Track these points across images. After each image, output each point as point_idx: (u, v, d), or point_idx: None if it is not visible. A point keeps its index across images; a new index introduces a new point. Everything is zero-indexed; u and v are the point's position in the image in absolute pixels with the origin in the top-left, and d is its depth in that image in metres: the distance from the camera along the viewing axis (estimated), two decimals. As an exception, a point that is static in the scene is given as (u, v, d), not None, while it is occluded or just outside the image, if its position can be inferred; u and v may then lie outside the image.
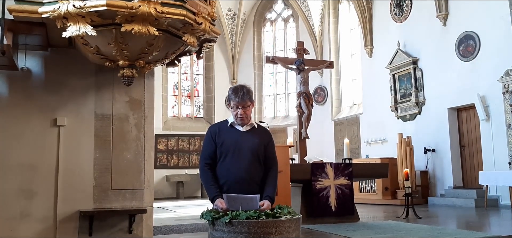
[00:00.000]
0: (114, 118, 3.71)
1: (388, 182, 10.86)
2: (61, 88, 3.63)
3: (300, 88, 8.76)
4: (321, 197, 6.75)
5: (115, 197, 3.62)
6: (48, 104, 3.58)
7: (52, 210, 3.48)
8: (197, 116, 17.20)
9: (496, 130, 9.54)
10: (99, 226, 3.53)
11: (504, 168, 9.10)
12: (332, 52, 15.49)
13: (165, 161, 15.92)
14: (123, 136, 3.71)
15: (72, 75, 3.66)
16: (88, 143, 3.62)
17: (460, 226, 6.52)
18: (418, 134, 11.45)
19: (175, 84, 17.04)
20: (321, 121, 14.66)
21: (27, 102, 3.55)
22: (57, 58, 3.64)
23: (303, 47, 8.99)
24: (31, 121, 3.54)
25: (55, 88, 3.62)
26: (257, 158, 3.17)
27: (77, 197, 3.54)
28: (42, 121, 3.56)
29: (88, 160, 3.60)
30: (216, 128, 3.27)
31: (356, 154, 13.60)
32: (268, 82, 17.72)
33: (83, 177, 3.57)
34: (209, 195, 3.14)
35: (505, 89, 9.29)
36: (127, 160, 3.68)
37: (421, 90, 11.70)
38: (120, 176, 3.65)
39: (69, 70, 3.66)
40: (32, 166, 3.49)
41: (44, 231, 3.44)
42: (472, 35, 10.21)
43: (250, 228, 2.71)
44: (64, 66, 3.65)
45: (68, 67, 3.65)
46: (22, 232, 3.40)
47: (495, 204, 9.28)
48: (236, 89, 3.15)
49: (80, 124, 3.63)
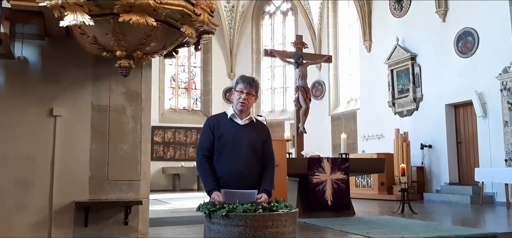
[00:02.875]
0: (111, 110, 3.69)
1: (384, 178, 10.89)
2: (58, 78, 3.60)
3: (298, 82, 8.74)
4: (317, 192, 6.75)
5: (111, 188, 3.60)
6: (45, 94, 3.56)
7: (47, 201, 3.46)
8: (194, 108, 17.17)
9: (493, 127, 9.56)
10: (94, 218, 3.52)
11: (500, 165, 9.13)
12: (330, 46, 15.46)
13: (161, 153, 15.90)
14: (120, 127, 3.69)
15: (69, 65, 3.63)
16: (85, 134, 3.60)
17: (455, 222, 6.54)
18: (415, 130, 11.47)
19: (172, 76, 16.99)
20: (319, 116, 14.65)
21: (24, 92, 3.53)
22: (54, 48, 3.61)
23: (302, 41, 8.96)
24: (27, 111, 3.52)
25: (52, 78, 3.59)
26: (255, 152, 3.16)
27: (73, 188, 3.52)
28: (38, 111, 3.54)
29: (84, 151, 3.58)
30: (214, 120, 3.25)
31: (353, 149, 13.62)
32: (266, 76, 17.70)
33: (79, 168, 3.56)
34: (206, 188, 3.13)
35: (503, 86, 9.30)
36: (123, 151, 3.67)
37: (419, 86, 11.70)
38: (117, 167, 3.63)
39: (66, 60, 3.63)
40: (28, 156, 3.47)
41: (39, 221, 3.43)
42: (471, 32, 10.21)
43: (247, 221, 2.71)
44: (61, 56, 3.62)
45: (65, 57, 3.62)
46: (17, 223, 3.38)
47: (491, 201, 9.32)
48: (245, 76, 3.22)
49: (76, 115, 3.61)
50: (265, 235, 2.72)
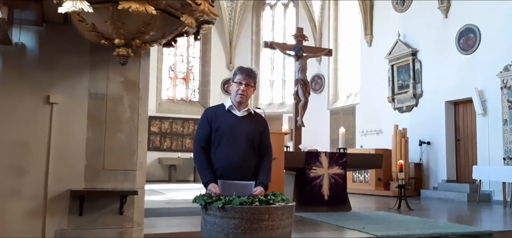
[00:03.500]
0: (108, 98, 3.65)
1: (381, 173, 10.89)
2: (55, 65, 3.56)
3: (297, 75, 8.70)
4: (314, 186, 6.74)
5: (107, 178, 3.57)
6: (41, 81, 3.52)
7: (42, 188, 3.43)
8: (192, 99, 17.13)
9: (492, 125, 9.56)
10: (89, 206, 3.49)
11: (499, 164, 9.14)
12: (331, 40, 15.41)
13: (158, 143, 15.88)
14: (116, 116, 3.65)
15: (67, 52, 3.59)
16: (81, 122, 3.57)
17: (452, 220, 6.55)
18: (414, 126, 11.46)
19: (170, 66, 16.92)
20: (317, 110, 14.62)
21: (20, 78, 3.48)
22: (52, 35, 3.57)
23: (303, 33, 8.91)
24: (23, 98, 3.48)
25: (49, 65, 3.55)
26: (252, 144, 3.15)
27: (68, 176, 3.49)
28: (35, 98, 3.50)
29: (80, 139, 3.55)
30: (212, 111, 3.23)
31: (351, 144, 13.62)
32: (265, 68, 17.64)
33: (75, 156, 3.52)
34: (203, 179, 3.11)
35: (504, 84, 9.28)
36: (120, 141, 3.63)
37: (419, 82, 11.68)
38: (113, 157, 3.60)
39: (64, 47, 3.58)
40: (24, 143, 3.43)
41: (34, 208, 3.40)
42: (473, 29, 10.17)
43: (243, 214, 2.69)
44: (58, 43, 3.57)
45: (63, 44, 3.58)
46: (12, 209, 3.36)
47: (488, 199, 9.34)
48: (243, 67, 3.23)
49: (73, 103, 3.57)
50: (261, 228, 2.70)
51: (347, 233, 4.69)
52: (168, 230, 4.50)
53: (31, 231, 3.38)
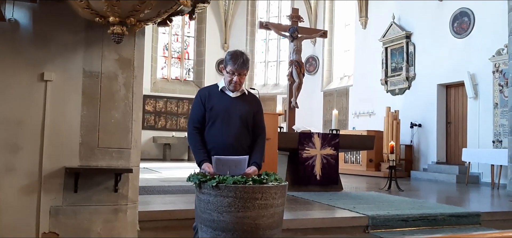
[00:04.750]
0: (103, 76, 3.65)
1: (373, 155, 11.01)
2: (49, 42, 3.54)
3: (292, 56, 8.71)
4: (307, 166, 6.82)
5: (102, 155, 3.60)
6: (36, 58, 3.50)
7: (37, 166, 3.46)
8: (186, 79, 17.08)
9: (483, 109, 9.66)
10: (84, 184, 3.53)
11: (488, 146, 9.27)
12: (326, 21, 15.37)
13: (152, 122, 15.88)
14: (111, 94, 3.66)
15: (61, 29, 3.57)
16: (76, 100, 3.57)
17: (441, 201, 6.68)
18: (406, 109, 11.55)
19: (165, 45, 16.82)
20: (311, 91, 14.67)
21: (14, 55, 3.47)
22: (46, 11, 3.54)
23: (298, 14, 8.90)
24: (17, 75, 3.47)
25: (43, 42, 3.53)
26: (245, 125, 3.18)
27: (63, 154, 3.51)
28: (29, 75, 3.49)
29: (75, 117, 3.56)
30: (206, 91, 3.25)
31: (344, 126, 13.71)
32: (260, 49, 17.59)
33: (70, 134, 3.54)
34: (197, 159, 3.15)
35: (495, 68, 9.36)
36: (114, 119, 3.65)
37: (412, 65, 11.73)
38: (107, 135, 3.62)
39: (58, 24, 3.56)
40: (18, 120, 3.44)
41: (28, 185, 3.43)
42: (468, 12, 10.20)
43: (237, 193, 2.75)
44: (53, 20, 3.55)
45: (57, 21, 3.56)
46: (7, 186, 3.38)
47: (476, 181, 9.50)
48: (235, 55, 3.13)
49: (67, 80, 3.57)
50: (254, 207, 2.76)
51: (338, 212, 4.78)
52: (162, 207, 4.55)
53: (26, 208, 3.42)
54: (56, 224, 3.46)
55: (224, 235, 2.78)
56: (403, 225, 4.55)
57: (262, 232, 2.80)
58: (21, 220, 3.40)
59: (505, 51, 8.91)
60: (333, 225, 4.40)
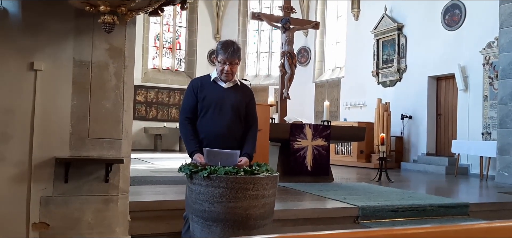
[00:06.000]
0: (93, 66, 3.62)
1: (363, 146, 11.08)
2: (39, 31, 3.50)
3: (284, 47, 8.70)
4: (298, 157, 6.85)
5: (92, 145, 3.58)
6: (25, 47, 3.46)
7: (27, 155, 3.43)
8: (178, 69, 16.99)
9: (473, 101, 9.75)
10: (75, 174, 3.51)
11: (477, 138, 9.38)
12: (318, 12, 15.35)
13: (143, 113, 15.80)
14: (102, 84, 3.63)
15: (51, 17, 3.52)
16: (66, 90, 3.54)
17: (430, 192, 6.75)
18: (397, 101, 11.62)
19: (156, 35, 16.70)
20: (303, 82, 14.68)
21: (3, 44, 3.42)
22: None
23: (290, 5, 8.87)
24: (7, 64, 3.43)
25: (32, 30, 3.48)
26: (238, 115, 3.18)
27: (53, 143, 3.48)
28: (18, 64, 3.45)
29: (65, 106, 3.53)
30: (198, 82, 3.24)
31: (335, 117, 13.77)
32: (252, 40, 17.53)
33: (60, 123, 3.51)
34: (188, 149, 3.15)
35: (486, 61, 9.43)
36: (105, 109, 3.62)
37: (403, 57, 11.78)
38: (98, 124, 3.60)
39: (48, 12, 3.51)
40: (8, 109, 3.40)
41: (18, 175, 3.40)
42: (459, 4, 10.25)
43: (228, 183, 2.75)
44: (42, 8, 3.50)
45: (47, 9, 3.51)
46: (-4, 176, 3.36)
47: (465, 172, 9.61)
48: (227, 44, 3.12)
49: (57, 70, 3.53)
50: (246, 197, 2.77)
51: (329, 203, 4.81)
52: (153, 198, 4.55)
53: (16, 197, 3.39)
54: (46, 214, 3.45)
55: (215, 225, 2.79)
56: (393, 215, 4.60)
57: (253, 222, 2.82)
58: (11, 210, 3.38)
59: (496, 44, 8.99)
60: (324, 216, 4.43)
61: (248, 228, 2.79)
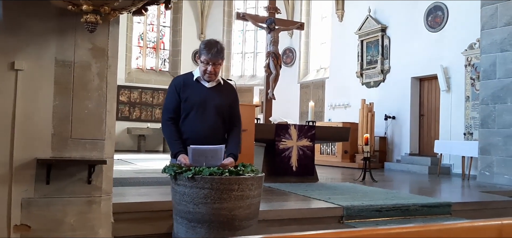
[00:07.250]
0: (76, 66, 3.56)
1: (348, 146, 11.16)
2: (19, 30, 3.43)
3: (269, 48, 8.70)
4: (283, 157, 6.86)
5: (75, 146, 3.52)
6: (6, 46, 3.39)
7: (8, 156, 3.35)
8: (162, 69, 16.87)
9: (455, 102, 9.91)
10: (57, 175, 3.45)
11: (459, 138, 9.53)
12: (303, 13, 15.41)
13: (127, 113, 15.65)
14: (84, 84, 3.58)
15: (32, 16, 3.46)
16: (48, 90, 3.47)
17: (413, 191, 6.82)
18: (381, 101, 11.74)
19: (140, 35, 16.56)
20: (288, 83, 14.71)
21: (-18, 43, 3.35)
22: (16, -2, 3.43)
23: (275, 6, 8.88)
24: (-14, 63, 3.36)
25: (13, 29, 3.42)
26: (221, 116, 3.16)
27: (35, 145, 3.42)
28: (-2, 64, 3.38)
29: (47, 107, 3.46)
30: (180, 80, 3.21)
31: (320, 117, 13.84)
32: (237, 40, 17.50)
33: (42, 124, 3.45)
34: (172, 150, 3.12)
35: (468, 62, 9.59)
36: (88, 109, 3.57)
37: (387, 58, 11.91)
38: (81, 125, 3.54)
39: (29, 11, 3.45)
40: (-13, 110, 3.33)
41: (-1, 177, 3.34)
42: (441, 6, 10.39)
43: (213, 184, 2.73)
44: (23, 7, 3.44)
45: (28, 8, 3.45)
46: (-24, 177, 3.28)
47: (448, 172, 9.75)
48: (210, 44, 3.08)
49: (39, 70, 3.47)
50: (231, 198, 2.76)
51: (314, 203, 4.83)
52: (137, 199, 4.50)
53: (-4, 199, 3.32)
54: (28, 216, 3.38)
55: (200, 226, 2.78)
56: (377, 215, 4.64)
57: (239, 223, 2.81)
58: (-10, 212, 3.31)
59: (477, 45, 9.14)
60: (309, 216, 4.44)
61: (234, 229, 2.78)
